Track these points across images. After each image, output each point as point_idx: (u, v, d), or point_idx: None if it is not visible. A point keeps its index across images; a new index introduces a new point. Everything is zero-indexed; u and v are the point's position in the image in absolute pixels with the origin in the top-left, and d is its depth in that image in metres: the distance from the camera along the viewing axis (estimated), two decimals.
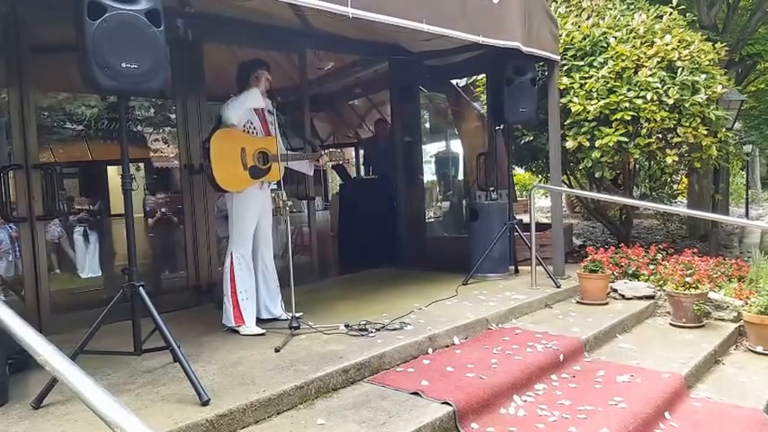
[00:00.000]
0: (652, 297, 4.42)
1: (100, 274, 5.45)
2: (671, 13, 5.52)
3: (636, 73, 5.04)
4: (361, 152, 8.03)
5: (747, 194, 13.18)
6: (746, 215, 12.14)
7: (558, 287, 4.46)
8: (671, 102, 4.90)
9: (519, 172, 9.41)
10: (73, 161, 6.04)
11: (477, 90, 6.44)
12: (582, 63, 5.24)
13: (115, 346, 2.79)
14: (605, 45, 5.25)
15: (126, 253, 2.61)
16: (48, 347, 1.36)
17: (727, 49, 6.26)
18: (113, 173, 6.02)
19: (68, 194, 5.79)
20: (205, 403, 2.27)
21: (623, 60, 5.06)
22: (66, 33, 2.51)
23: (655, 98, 4.90)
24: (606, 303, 4.33)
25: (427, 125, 7.67)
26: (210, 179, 3.32)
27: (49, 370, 1.35)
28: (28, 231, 3.41)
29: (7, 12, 3.31)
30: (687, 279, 4.03)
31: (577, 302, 4.40)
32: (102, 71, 2.28)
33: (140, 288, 2.52)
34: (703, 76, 5.08)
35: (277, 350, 2.97)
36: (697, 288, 3.98)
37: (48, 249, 3.74)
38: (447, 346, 3.28)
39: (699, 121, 5.05)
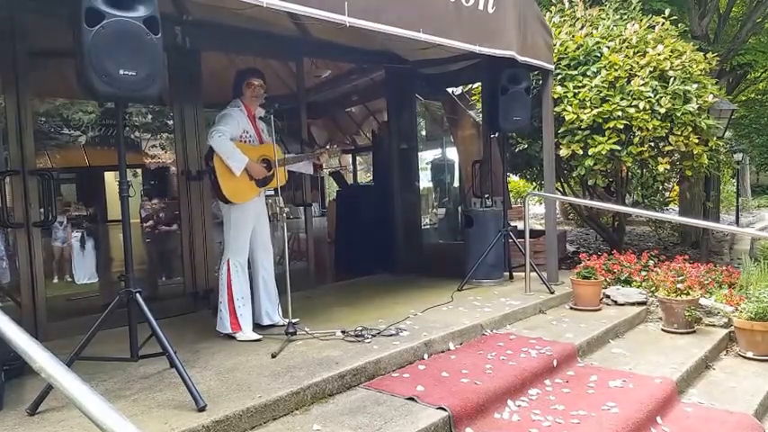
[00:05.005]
0: (644, 303, 4.46)
1: (96, 280, 5.44)
2: (663, 23, 5.60)
3: (628, 82, 5.11)
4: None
5: (738, 202, 13.29)
6: (737, 222, 12.25)
7: (552, 293, 4.50)
8: (663, 111, 4.97)
9: (513, 179, 9.49)
10: (70, 167, 6.03)
11: (473, 98, 6.50)
12: (575, 72, 5.31)
13: (112, 352, 2.80)
14: (598, 55, 5.32)
15: (123, 259, 2.62)
16: (43, 354, 1.36)
17: (718, 58, 6.36)
18: (110, 178, 6.02)
19: (65, 200, 5.78)
20: (201, 409, 2.28)
21: (616, 70, 5.13)
22: (63, 39, 2.53)
23: (647, 107, 4.97)
24: (599, 309, 4.37)
25: (423, 132, 7.73)
26: (219, 194, 3.35)
27: (44, 377, 1.35)
28: (24, 237, 3.41)
29: (4, 17, 3.32)
30: (678, 285, 4.08)
31: (571, 308, 4.43)
32: (100, 78, 2.30)
33: (137, 294, 2.53)
34: (695, 85, 5.16)
35: (273, 356, 2.99)
36: (688, 294, 4.03)
37: (45, 255, 3.73)
38: (442, 352, 3.30)
39: (690, 129, 5.12)
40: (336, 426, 2.36)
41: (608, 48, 5.32)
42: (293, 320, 3.34)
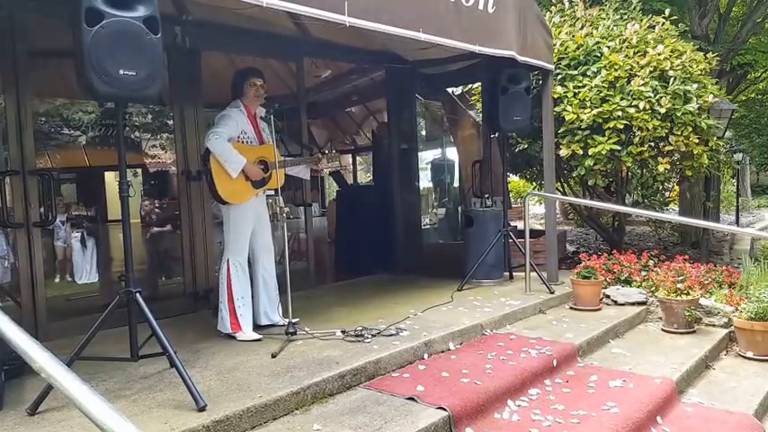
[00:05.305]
0: (644, 303, 4.46)
1: (97, 280, 5.44)
2: (663, 23, 5.60)
3: (629, 82, 5.11)
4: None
5: (738, 202, 13.28)
6: (737, 222, 12.24)
7: (552, 293, 4.50)
8: (663, 111, 4.97)
9: (513, 179, 9.49)
10: (70, 167, 6.04)
11: (473, 98, 6.50)
12: (575, 72, 5.30)
13: (112, 352, 2.81)
14: (599, 54, 5.32)
15: (123, 259, 2.62)
16: (43, 354, 1.36)
17: (718, 58, 6.37)
18: (110, 178, 6.03)
19: (66, 200, 5.79)
20: (201, 409, 2.29)
21: (616, 70, 5.13)
22: (63, 39, 2.53)
23: (647, 107, 4.97)
24: (599, 309, 4.37)
25: (423, 132, 7.74)
26: (215, 195, 3.35)
27: (44, 377, 1.35)
28: (24, 237, 3.41)
29: (4, 17, 3.32)
30: (678, 285, 4.08)
31: (571, 308, 4.43)
32: (100, 78, 2.30)
33: (137, 294, 2.53)
34: (695, 85, 5.15)
35: (274, 356, 2.99)
36: (688, 294, 4.03)
37: (45, 255, 3.73)
38: (442, 352, 3.30)
39: (690, 129, 5.12)
40: (336, 425, 2.36)
41: (608, 48, 5.31)
42: (293, 320, 3.34)
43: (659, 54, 5.20)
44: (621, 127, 4.98)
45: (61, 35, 2.62)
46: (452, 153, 7.49)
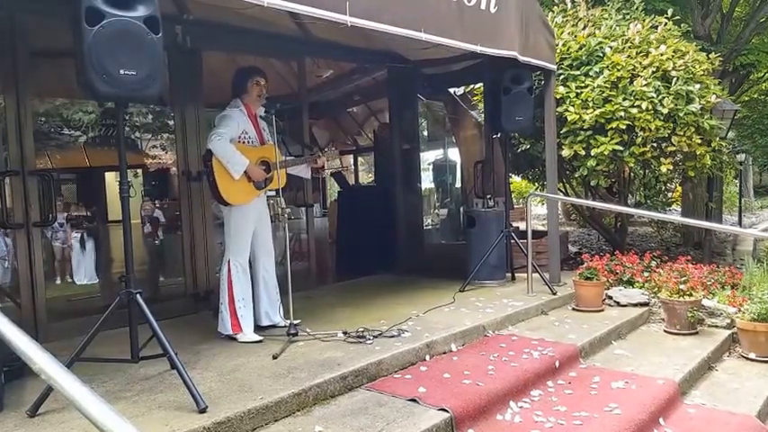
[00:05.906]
0: (646, 304, 4.44)
1: (97, 281, 5.44)
2: (666, 23, 5.58)
3: (631, 82, 5.09)
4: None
5: (740, 203, 13.26)
6: (739, 223, 12.22)
7: (554, 294, 4.48)
8: (666, 111, 4.95)
9: (516, 180, 9.47)
10: (70, 167, 6.03)
11: (475, 98, 6.48)
12: (578, 72, 5.28)
13: (112, 354, 2.79)
14: (601, 55, 5.30)
15: (123, 259, 2.61)
16: (43, 355, 1.35)
17: (721, 59, 6.34)
18: (111, 179, 6.03)
19: (66, 200, 5.78)
20: (202, 411, 2.27)
21: (619, 70, 5.11)
22: (63, 39, 2.52)
23: (650, 107, 4.95)
24: (601, 310, 4.35)
25: (425, 133, 7.72)
26: (217, 196, 3.33)
27: (44, 378, 1.34)
28: (24, 238, 3.40)
29: (4, 17, 3.32)
30: (681, 286, 4.06)
31: (573, 309, 4.42)
32: (100, 77, 2.29)
33: (137, 295, 2.52)
34: (697, 85, 5.14)
35: (275, 357, 2.97)
36: (691, 295, 4.01)
37: (45, 256, 3.72)
38: (444, 353, 3.28)
39: (693, 130, 5.10)
40: (338, 427, 2.35)
41: (610, 48, 5.30)
42: (295, 321, 3.33)
43: (662, 54, 5.18)
44: (624, 127, 4.96)
45: (61, 35, 2.61)
46: (454, 153, 7.47)
